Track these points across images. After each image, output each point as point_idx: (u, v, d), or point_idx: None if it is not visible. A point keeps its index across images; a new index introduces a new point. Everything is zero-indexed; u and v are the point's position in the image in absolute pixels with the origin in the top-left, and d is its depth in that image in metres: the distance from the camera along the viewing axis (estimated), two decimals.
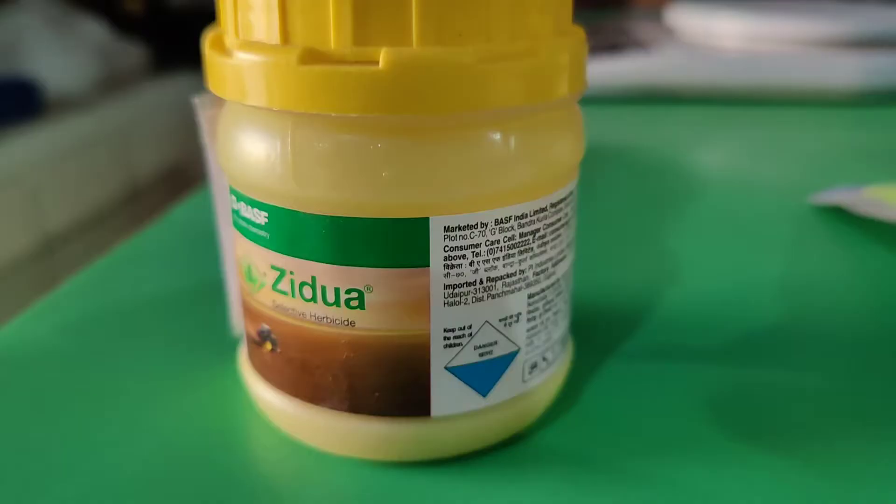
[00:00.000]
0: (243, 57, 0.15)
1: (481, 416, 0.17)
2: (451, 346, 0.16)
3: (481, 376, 0.17)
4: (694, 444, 0.18)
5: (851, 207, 0.31)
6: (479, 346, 0.17)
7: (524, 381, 0.18)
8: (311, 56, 0.15)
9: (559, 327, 0.19)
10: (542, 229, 0.17)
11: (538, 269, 0.17)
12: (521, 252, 0.16)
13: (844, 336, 0.23)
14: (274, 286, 0.17)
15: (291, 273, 0.16)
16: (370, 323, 0.16)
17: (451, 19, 0.14)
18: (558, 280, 0.18)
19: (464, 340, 0.17)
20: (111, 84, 1.51)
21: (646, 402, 0.20)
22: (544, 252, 0.17)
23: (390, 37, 0.14)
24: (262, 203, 0.16)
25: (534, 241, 0.17)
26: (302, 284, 0.16)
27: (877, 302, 0.25)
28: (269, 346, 0.18)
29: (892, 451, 0.18)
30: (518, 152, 0.16)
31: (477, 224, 0.16)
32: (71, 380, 0.21)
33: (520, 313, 0.17)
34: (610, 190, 0.37)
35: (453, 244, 0.16)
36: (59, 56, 1.41)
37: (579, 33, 0.17)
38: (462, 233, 0.16)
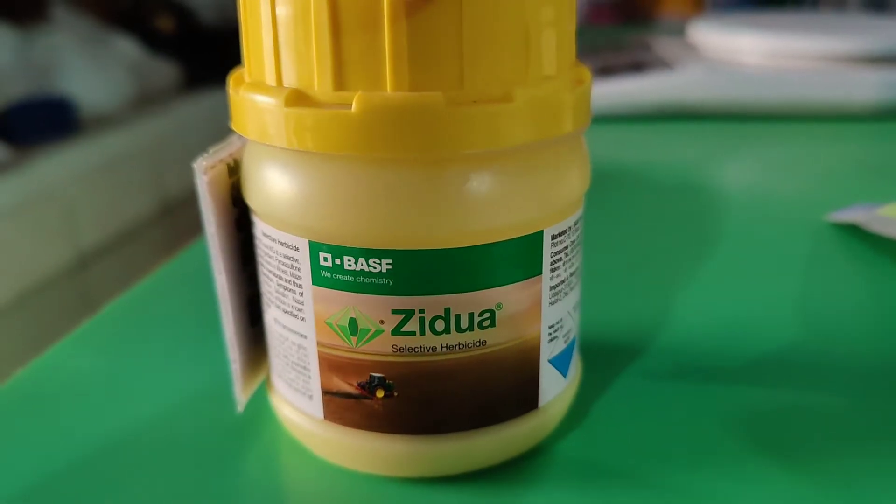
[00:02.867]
0: (363, 107, 0.15)
1: (564, 396, 0.20)
2: (552, 339, 0.19)
3: (564, 360, 0.19)
4: (709, 457, 0.19)
5: (866, 226, 0.31)
6: (564, 335, 0.19)
7: (576, 357, 0.21)
8: (451, 100, 0.15)
9: None
10: (581, 227, 0.20)
11: (581, 261, 0.20)
12: (579, 247, 0.19)
13: (859, 356, 0.23)
14: (395, 330, 0.17)
15: (421, 311, 0.17)
16: (499, 338, 0.17)
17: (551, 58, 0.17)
18: None
19: (559, 333, 0.19)
20: (144, 101, 1.55)
21: (658, 417, 0.21)
22: (582, 246, 0.20)
23: (511, 74, 0.16)
24: (385, 251, 0.16)
25: (581, 238, 0.20)
26: (434, 319, 0.17)
27: (891, 322, 0.25)
28: (381, 392, 0.18)
29: None
30: (585, 164, 0.19)
31: (567, 229, 0.18)
32: (111, 406, 0.22)
33: (578, 301, 0.20)
34: (630, 207, 0.37)
35: (555, 249, 0.18)
36: (93, 74, 1.45)
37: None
38: (560, 238, 0.18)
